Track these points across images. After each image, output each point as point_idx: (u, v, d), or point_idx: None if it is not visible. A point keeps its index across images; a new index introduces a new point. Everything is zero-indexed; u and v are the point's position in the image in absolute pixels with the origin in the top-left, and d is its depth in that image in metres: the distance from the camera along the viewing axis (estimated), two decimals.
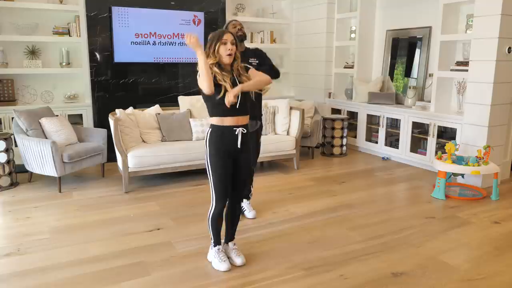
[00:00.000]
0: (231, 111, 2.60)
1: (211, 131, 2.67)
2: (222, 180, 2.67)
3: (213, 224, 2.78)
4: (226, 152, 2.66)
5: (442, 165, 4.23)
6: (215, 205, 2.73)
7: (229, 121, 2.62)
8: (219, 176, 2.67)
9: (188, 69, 6.06)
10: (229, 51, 2.59)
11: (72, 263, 2.89)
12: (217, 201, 2.72)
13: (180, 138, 4.88)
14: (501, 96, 4.44)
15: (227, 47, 2.59)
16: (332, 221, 3.64)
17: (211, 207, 2.76)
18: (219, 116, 2.63)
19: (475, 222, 3.63)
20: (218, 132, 2.64)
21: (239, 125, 2.65)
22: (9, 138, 4.48)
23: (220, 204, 2.72)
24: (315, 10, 6.70)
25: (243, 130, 2.66)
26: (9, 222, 3.62)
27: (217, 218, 2.76)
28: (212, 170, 2.68)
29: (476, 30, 4.42)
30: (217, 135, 2.65)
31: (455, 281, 2.67)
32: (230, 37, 2.62)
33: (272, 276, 2.71)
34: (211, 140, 2.67)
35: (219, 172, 2.66)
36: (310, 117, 5.98)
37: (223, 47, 2.59)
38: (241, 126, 2.66)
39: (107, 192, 4.39)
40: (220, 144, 2.64)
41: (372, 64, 6.44)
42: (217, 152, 2.65)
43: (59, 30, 5.42)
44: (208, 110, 2.70)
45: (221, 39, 2.59)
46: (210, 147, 2.67)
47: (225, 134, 2.64)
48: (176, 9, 5.81)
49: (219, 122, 2.64)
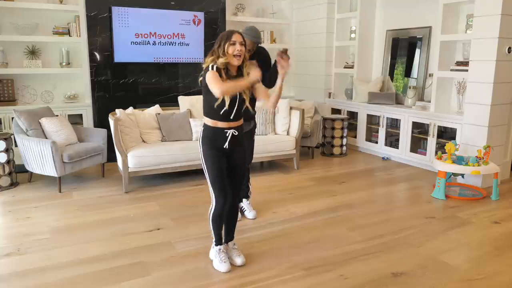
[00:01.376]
0: (225, 116, 2.62)
1: (204, 130, 2.70)
2: (218, 175, 2.68)
3: (214, 223, 2.77)
4: (219, 149, 2.68)
5: (442, 165, 4.23)
6: (215, 203, 2.73)
7: (221, 124, 2.64)
8: (214, 171, 2.68)
9: (188, 69, 6.06)
10: (238, 52, 2.55)
11: (72, 263, 2.89)
12: (217, 198, 2.71)
13: (180, 138, 4.88)
14: (501, 96, 4.44)
15: (235, 47, 2.54)
16: (332, 221, 3.64)
17: (211, 205, 2.76)
18: (213, 118, 2.65)
19: (475, 222, 3.63)
20: (210, 133, 2.67)
21: (231, 127, 2.67)
22: (9, 138, 4.48)
23: (220, 201, 2.71)
24: (315, 10, 6.70)
25: (234, 132, 2.67)
26: (9, 222, 3.62)
27: (218, 217, 2.76)
28: (207, 167, 2.70)
29: (476, 30, 4.42)
30: (209, 135, 2.67)
31: (455, 281, 2.67)
32: (239, 37, 2.56)
33: (272, 276, 2.71)
34: (204, 140, 2.70)
35: (214, 168, 2.68)
36: (310, 117, 5.98)
37: (231, 47, 2.54)
38: (233, 128, 2.68)
39: (107, 192, 4.39)
40: (212, 143, 2.67)
41: (372, 64, 6.44)
42: (210, 149, 2.68)
43: (59, 30, 5.42)
44: (203, 108, 2.70)
45: (229, 40, 2.54)
46: (204, 146, 2.70)
47: (217, 134, 2.66)
48: (176, 9, 5.81)
49: (212, 124, 2.66)
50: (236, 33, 2.58)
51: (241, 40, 2.57)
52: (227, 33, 2.60)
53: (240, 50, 2.55)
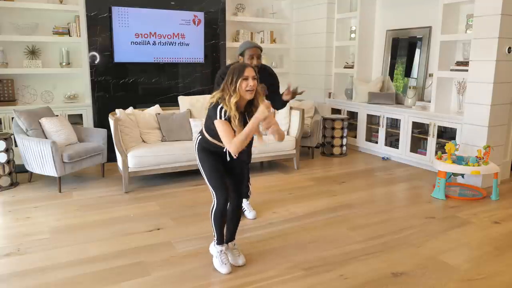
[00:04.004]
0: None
1: (201, 140, 2.70)
2: (214, 170, 2.68)
3: (216, 221, 2.76)
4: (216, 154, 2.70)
5: (442, 165, 4.23)
6: (216, 201, 2.72)
7: (221, 145, 2.62)
8: (211, 167, 2.68)
9: (188, 69, 6.06)
10: (250, 88, 2.45)
11: (72, 263, 2.89)
12: (217, 196, 2.70)
13: (180, 138, 4.88)
14: (501, 96, 4.44)
15: (248, 83, 2.44)
16: (332, 221, 3.64)
17: (212, 204, 2.75)
18: (214, 138, 2.62)
19: (475, 222, 3.63)
20: (207, 145, 2.68)
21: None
22: (9, 138, 4.48)
23: (221, 199, 2.69)
24: (315, 10, 6.70)
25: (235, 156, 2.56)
26: (9, 222, 3.62)
27: (219, 214, 2.73)
28: (203, 166, 2.71)
29: (476, 30, 4.42)
30: (206, 147, 2.69)
31: (455, 281, 2.67)
32: (252, 72, 2.46)
33: (272, 276, 2.71)
34: (199, 147, 2.72)
35: (210, 164, 2.68)
36: (310, 117, 5.99)
37: (244, 83, 2.44)
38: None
39: (107, 192, 4.39)
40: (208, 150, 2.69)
41: (372, 64, 6.44)
42: (207, 154, 2.69)
43: (59, 30, 5.42)
44: (205, 126, 2.66)
45: (242, 75, 2.44)
46: (199, 153, 2.72)
47: (214, 148, 2.67)
48: (176, 9, 5.81)
49: (212, 140, 2.65)
50: (248, 67, 2.48)
51: (254, 75, 2.47)
52: (238, 67, 2.49)
53: (253, 85, 2.45)
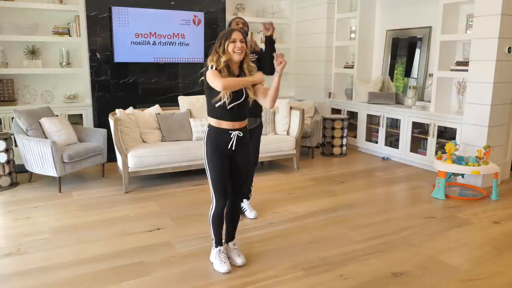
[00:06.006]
0: (228, 115, 2.61)
1: (209, 131, 2.70)
2: (219, 177, 2.69)
3: (214, 224, 2.78)
4: (223, 151, 2.67)
5: (442, 165, 4.23)
6: (215, 204, 2.74)
7: (226, 124, 2.64)
8: (217, 173, 2.68)
9: (188, 69, 6.06)
10: (238, 49, 2.57)
11: (72, 263, 2.89)
12: (217, 200, 2.72)
13: (180, 138, 4.88)
14: (501, 96, 4.44)
15: (236, 45, 2.57)
16: (332, 221, 3.64)
17: (211, 206, 2.76)
18: (217, 118, 2.64)
19: (475, 222, 3.63)
20: (215, 133, 2.67)
21: (235, 128, 2.66)
22: (9, 138, 4.48)
23: (220, 203, 2.72)
24: (315, 10, 6.69)
25: (239, 133, 2.67)
26: (9, 222, 3.62)
27: (217, 218, 2.76)
28: (209, 168, 2.70)
29: (476, 30, 4.42)
30: (213, 136, 2.67)
31: (455, 281, 2.67)
32: (239, 35, 2.60)
33: (272, 276, 2.71)
34: (208, 140, 2.70)
35: (216, 169, 2.68)
36: (310, 117, 5.99)
37: (232, 45, 2.57)
38: (238, 129, 2.67)
39: (107, 192, 4.39)
40: (216, 144, 2.67)
41: (372, 64, 6.44)
42: (213, 150, 2.67)
43: (59, 30, 5.42)
44: (207, 109, 2.71)
45: (229, 38, 2.58)
46: (207, 146, 2.70)
47: (221, 136, 2.66)
48: (176, 9, 5.81)
49: (216, 124, 2.65)
50: (236, 31, 2.61)
51: (241, 38, 2.60)
52: (226, 32, 2.63)
53: (240, 47, 2.58)
